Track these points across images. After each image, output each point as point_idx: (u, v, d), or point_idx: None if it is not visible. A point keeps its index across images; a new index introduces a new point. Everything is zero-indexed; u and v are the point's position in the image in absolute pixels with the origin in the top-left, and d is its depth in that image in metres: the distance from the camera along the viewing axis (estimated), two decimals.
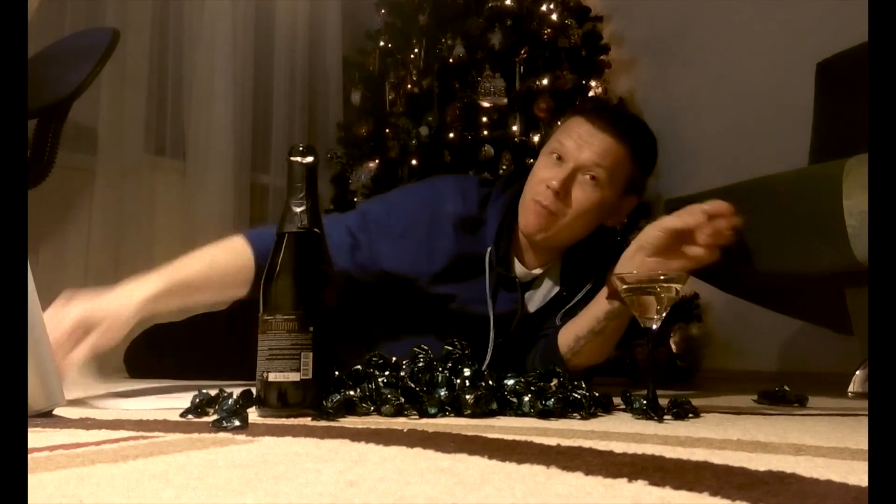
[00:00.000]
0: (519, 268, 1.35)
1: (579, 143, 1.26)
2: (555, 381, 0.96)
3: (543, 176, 1.27)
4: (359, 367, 0.96)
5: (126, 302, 1.04)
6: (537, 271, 1.36)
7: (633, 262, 1.12)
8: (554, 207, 1.25)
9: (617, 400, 1.01)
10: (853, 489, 0.44)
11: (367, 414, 0.87)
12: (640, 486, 0.44)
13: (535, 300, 1.37)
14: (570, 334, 1.27)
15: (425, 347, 0.99)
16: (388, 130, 2.57)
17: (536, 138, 2.39)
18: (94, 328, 0.99)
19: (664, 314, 0.97)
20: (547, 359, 1.26)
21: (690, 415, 0.93)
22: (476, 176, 1.69)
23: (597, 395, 0.95)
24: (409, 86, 2.57)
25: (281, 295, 0.87)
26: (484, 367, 1.17)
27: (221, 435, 0.68)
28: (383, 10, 2.77)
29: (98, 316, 1.00)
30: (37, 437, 0.65)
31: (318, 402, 0.84)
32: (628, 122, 1.31)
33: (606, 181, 1.26)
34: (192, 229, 2.65)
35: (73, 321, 0.98)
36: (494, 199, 1.37)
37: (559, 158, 1.27)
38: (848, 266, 1.36)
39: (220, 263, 1.17)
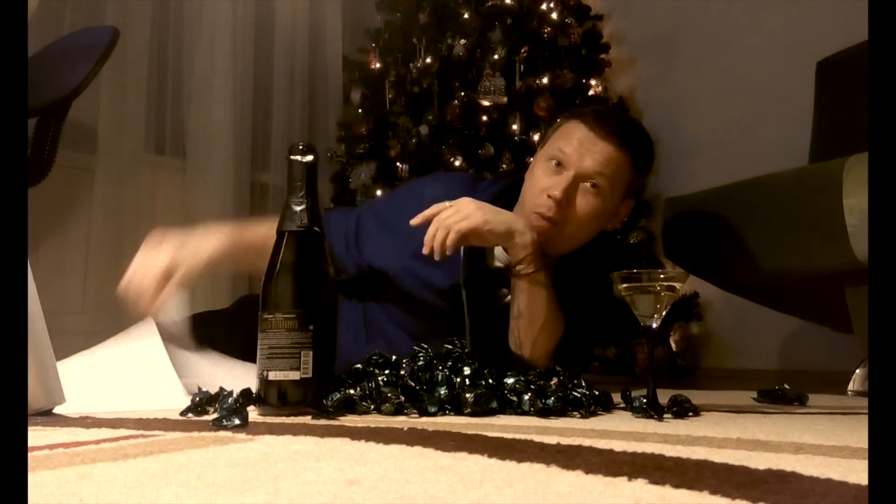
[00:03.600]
0: (504, 258, 1.34)
1: (580, 151, 1.24)
2: (554, 380, 0.96)
3: (544, 185, 1.25)
4: (359, 365, 0.96)
5: (196, 255, 1.22)
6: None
7: None
8: (557, 217, 1.24)
9: (617, 398, 1.01)
10: (853, 488, 0.44)
11: (367, 412, 0.87)
12: (640, 484, 0.44)
13: None
14: (511, 330, 1.25)
15: (425, 346, 0.99)
16: (388, 129, 2.57)
17: (536, 137, 2.39)
18: (173, 274, 1.19)
19: (664, 313, 0.97)
20: (514, 361, 1.25)
21: (690, 413, 0.93)
22: (470, 173, 1.70)
23: (597, 393, 0.95)
24: (408, 84, 2.57)
25: (281, 293, 0.87)
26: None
27: (222, 433, 0.68)
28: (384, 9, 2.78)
29: (177, 265, 1.19)
30: (37, 435, 0.65)
31: (317, 401, 0.84)
32: (628, 128, 1.29)
33: (608, 189, 1.24)
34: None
35: (161, 269, 1.17)
36: (483, 190, 1.35)
37: (558, 165, 1.25)
38: (848, 265, 1.36)
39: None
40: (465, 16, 2.53)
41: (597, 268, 1.28)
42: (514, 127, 2.42)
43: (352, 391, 0.88)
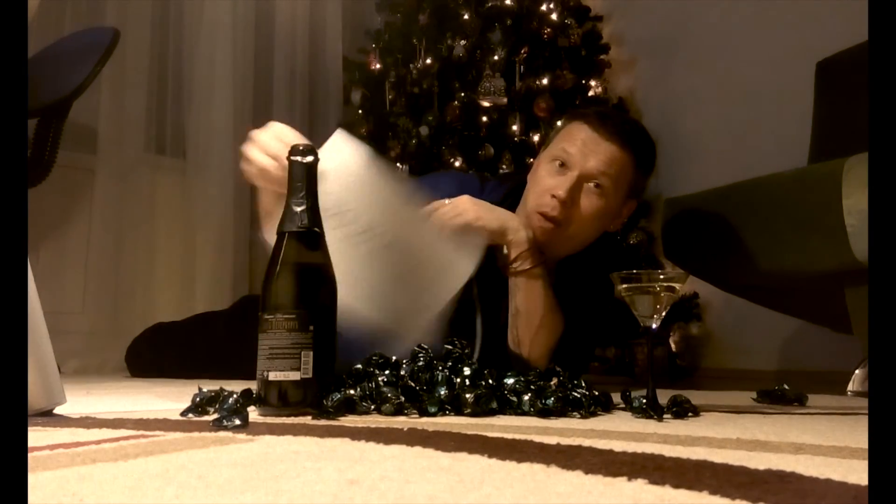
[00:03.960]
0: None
1: (584, 152, 1.24)
2: (554, 380, 0.96)
3: (548, 185, 1.25)
4: (359, 366, 0.96)
5: None
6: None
7: None
8: (561, 217, 1.24)
9: (616, 399, 1.01)
10: (853, 488, 0.44)
11: (368, 413, 0.87)
12: (640, 484, 0.44)
13: None
14: (510, 328, 1.26)
15: (426, 346, 0.99)
16: (388, 130, 2.57)
17: (536, 138, 2.39)
18: None
19: (663, 313, 0.97)
20: (513, 361, 1.25)
21: (690, 414, 0.93)
22: (476, 173, 1.70)
23: (596, 393, 0.95)
24: (409, 85, 2.58)
25: (281, 294, 0.87)
26: (475, 358, 1.15)
27: (222, 434, 0.68)
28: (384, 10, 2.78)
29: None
30: (37, 435, 0.65)
31: (318, 401, 0.84)
32: (631, 129, 1.29)
33: (611, 189, 1.25)
34: (192, 229, 2.65)
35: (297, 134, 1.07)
36: (489, 192, 1.36)
37: (562, 165, 1.25)
38: (847, 265, 1.36)
39: None
40: (465, 17, 2.53)
41: (597, 269, 1.28)
42: (514, 128, 2.42)
43: (352, 391, 0.88)
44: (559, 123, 1.36)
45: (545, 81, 2.47)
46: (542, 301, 1.22)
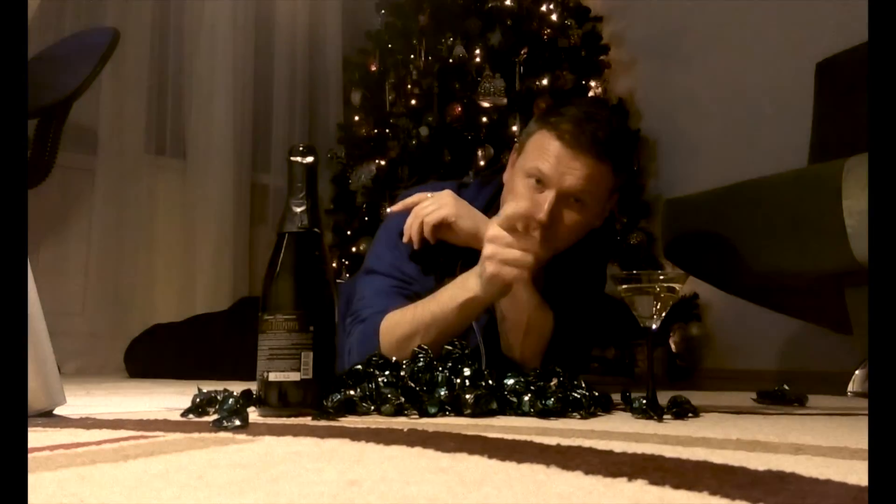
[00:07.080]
0: None
1: (560, 170, 1.18)
2: (554, 381, 0.96)
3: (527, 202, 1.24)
4: (359, 366, 0.96)
5: None
6: None
7: None
8: (542, 235, 1.22)
9: (616, 399, 1.01)
10: (853, 488, 0.44)
11: (368, 413, 0.87)
12: (640, 485, 0.44)
13: None
14: (500, 334, 1.25)
15: (425, 347, 0.99)
16: (388, 130, 2.57)
17: None
18: None
19: (663, 314, 0.97)
20: (508, 365, 1.24)
21: (690, 414, 0.93)
22: (455, 181, 1.66)
23: (596, 394, 0.95)
24: (409, 86, 2.57)
25: (281, 295, 0.87)
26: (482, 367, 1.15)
27: (222, 434, 0.68)
28: (383, 11, 2.77)
29: None
30: (37, 436, 0.65)
31: (318, 402, 0.84)
32: (605, 136, 1.22)
33: (592, 201, 1.21)
34: (192, 229, 2.66)
35: None
36: (472, 199, 1.34)
37: (539, 182, 1.22)
38: (847, 266, 1.36)
39: None
40: (465, 17, 2.53)
41: (587, 264, 1.27)
42: (514, 128, 2.42)
43: (352, 392, 0.88)
44: (531, 126, 1.31)
45: (545, 82, 2.47)
46: (526, 305, 1.20)
